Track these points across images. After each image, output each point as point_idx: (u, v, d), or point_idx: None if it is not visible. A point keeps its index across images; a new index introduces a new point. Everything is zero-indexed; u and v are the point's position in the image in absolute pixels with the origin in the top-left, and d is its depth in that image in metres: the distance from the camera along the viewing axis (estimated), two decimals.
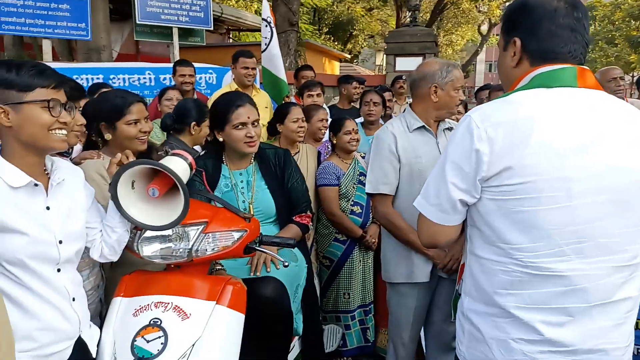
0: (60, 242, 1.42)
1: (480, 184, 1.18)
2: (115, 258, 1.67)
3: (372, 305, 3.16)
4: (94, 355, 1.56)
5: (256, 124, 2.18)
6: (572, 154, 1.12)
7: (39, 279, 1.39)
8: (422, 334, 2.54)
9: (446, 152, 1.26)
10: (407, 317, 2.36)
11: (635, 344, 2.57)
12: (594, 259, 1.15)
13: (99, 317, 1.91)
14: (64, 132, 1.41)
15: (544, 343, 1.18)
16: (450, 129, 2.36)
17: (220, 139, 2.21)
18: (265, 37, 4.74)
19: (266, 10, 4.86)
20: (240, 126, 2.13)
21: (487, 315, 1.24)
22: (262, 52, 4.83)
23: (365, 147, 3.54)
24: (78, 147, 2.68)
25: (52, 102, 1.37)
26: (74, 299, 1.48)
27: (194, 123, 2.75)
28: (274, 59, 4.68)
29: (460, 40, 24.64)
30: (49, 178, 1.45)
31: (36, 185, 1.40)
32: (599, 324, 1.19)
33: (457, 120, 2.96)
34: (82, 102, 2.27)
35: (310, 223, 2.33)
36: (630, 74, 22.17)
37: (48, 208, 1.42)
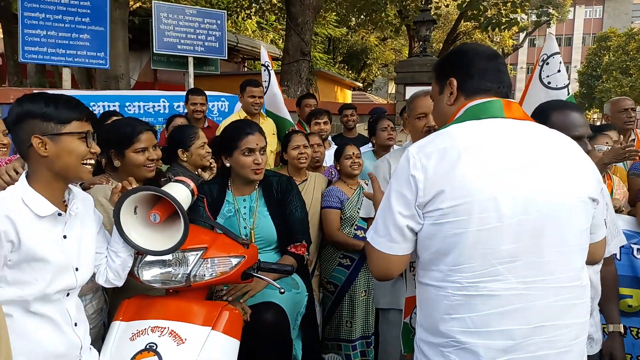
0: (77, 269, 1.49)
1: (419, 210, 1.24)
2: (119, 283, 1.70)
3: (374, 337, 3.14)
4: None
5: (263, 152, 2.23)
6: (499, 177, 1.19)
7: (48, 304, 1.44)
8: None
9: (390, 184, 1.32)
10: (393, 345, 2.33)
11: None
12: (529, 279, 1.18)
13: (102, 340, 1.94)
14: (92, 162, 1.50)
15: None
16: None
17: (227, 165, 2.27)
18: (265, 81, 4.90)
19: (264, 56, 5.04)
20: (248, 152, 2.19)
21: (435, 346, 1.27)
22: (264, 94, 4.99)
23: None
24: None
25: (87, 134, 1.46)
26: (76, 324, 1.52)
27: (180, 150, 2.75)
28: (275, 98, 4.80)
29: None
30: (67, 206, 1.51)
31: (60, 215, 1.47)
32: (543, 351, 1.19)
33: None
34: None
35: (306, 253, 2.34)
36: None
37: (65, 237, 1.48)
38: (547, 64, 4.44)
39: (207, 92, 4.63)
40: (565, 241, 1.21)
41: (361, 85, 19.34)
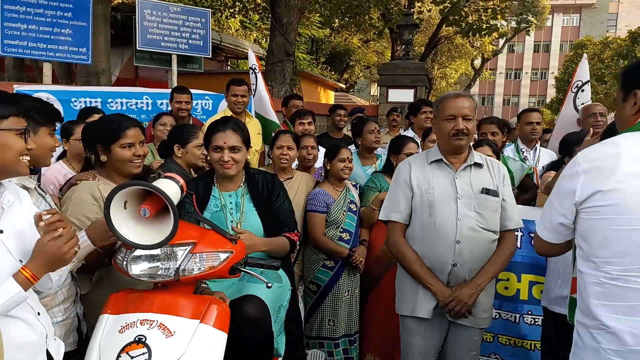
0: (21, 261, 1.43)
1: (575, 207, 1.47)
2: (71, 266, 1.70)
3: (357, 335, 3.19)
4: None
5: (237, 150, 2.24)
6: None
7: None
8: None
9: (556, 185, 1.58)
10: (413, 355, 2.30)
11: None
12: None
13: (78, 332, 1.93)
14: (28, 157, 1.49)
15: (629, 353, 1.35)
16: (478, 165, 2.29)
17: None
18: (253, 84, 4.96)
19: (252, 59, 5.09)
20: (217, 149, 2.24)
21: (586, 327, 1.46)
22: (253, 96, 5.05)
23: (358, 177, 3.62)
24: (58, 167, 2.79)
25: (25, 130, 1.46)
26: (39, 313, 1.52)
27: (176, 146, 2.86)
28: (262, 101, 4.86)
29: (454, 73, 25.15)
30: None
31: None
32: None
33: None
34: (58, 125, 2.32)
35: (298, 242, 2.39)
36: None
37: (1, 231, 1.43)
38: (583, 90, 4.59)
39: (192, 91, 4.63)
40: None
41: (344, 86, 19.43)
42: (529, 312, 2.87)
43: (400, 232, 2.31)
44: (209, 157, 2.33)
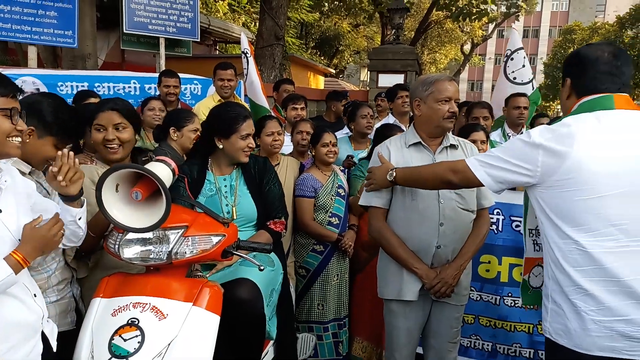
0: (19, 240, 1.46)
1: (538, 177, 1.59)
2: (72, 244, 1.70)
3: (347, 319, 3.23)
4: (54, 350, 1.62)
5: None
6: (609, 154, 1.49)
7: None
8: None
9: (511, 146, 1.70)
10: (398, 337, 2.33)
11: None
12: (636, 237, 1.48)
13: (76, 312, 1.94)
14: (19, 139, 1.48)
15: (607, 310, 1.48)
16: (453, 146, 2.31)
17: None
18: (245, 68, 4.91)
19: (244, 42, 5.04)
20: (245, 137, 2.28)
21: (564, 294, 1.58)
22: (244, 82, 5.01)
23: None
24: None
25: (13, 111, 1.44)
26: (35, 295, 1.54)
27: (172, 129, 2.86)
28: (252, 86, 4.83)
29: (443, 59, 25.13)
30: None
31: None
32: None
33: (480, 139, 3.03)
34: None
35: (284, 230, 2.40)
36: None
37: (0, 211, 1.45)
38: (512, 59, 4.60)
39: (180, 75, 4.58)
40: None
41: (334, 71, 19.33)
42: (509, 294, 2.92)
43: (382, 217, 2.31)
44: (224, 144, 2.33)
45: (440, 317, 2.33)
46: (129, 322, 1.61)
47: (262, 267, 1.91)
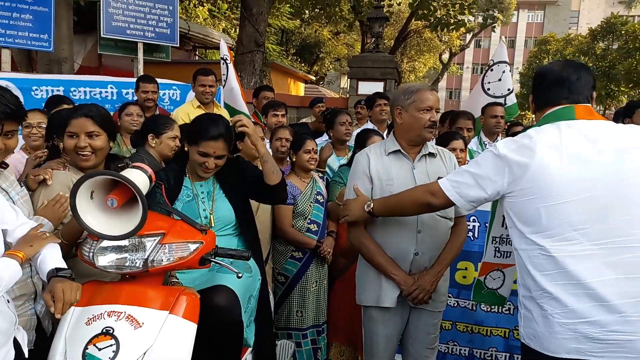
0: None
1: (505, 188, 1.66)
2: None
3: (325, 326, 3.23)
4: (26, 356, 1.60)
5: (220, 158, 2.24)
6: (570, 162, 1.55)
7: None
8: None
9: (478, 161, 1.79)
10: (377, 344, 2.34)
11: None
12: (601, 241, 1.52)
13: (38, 332, 1.87)
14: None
15: (571, 313, 1.52)
16: (432, 154, 2.33)
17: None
18: (224, 74, 4.90)
19: (223, 49, 5.05)
20: (202, 155, 2.21)
21: (532, 299, 1.63)
22: (223, 87, 4.99)
23: (334, 166, 3.68)
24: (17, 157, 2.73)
25: None
26: (8, 301, 1.53)
27: (151, 135, 2.83)
28: (232, 92, 4.82)
29: (422, 67, 25.47)
30: None
31: None
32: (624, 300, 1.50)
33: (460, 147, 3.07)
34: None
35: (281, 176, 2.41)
36: None
37: None
38: (492, 70, 4.66)
39: (159, 80, 4.54)
40: (627, 210, 1.52)
41: (314, 78, 19.40)
42: None
43: (361, 224, 2.32)
44: (189, 150, 2.30)
45: (418, 324, 2.34)
46: (104, 331, 1.58)
47: (240, 275, 1.90)
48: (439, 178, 2.23)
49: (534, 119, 1.97)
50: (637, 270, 1.50)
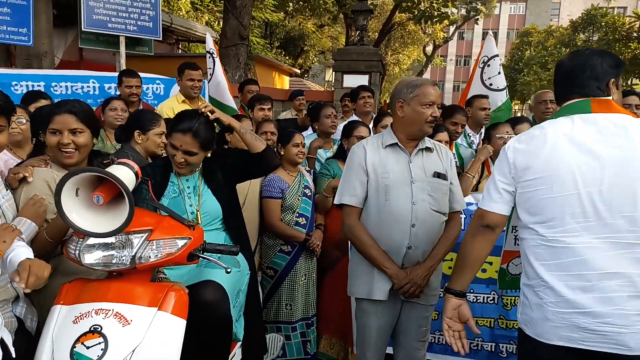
0: None
1: (514, 180, 1.70)
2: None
3: (315, 318, 3.24)
4: (14, 355, 1.57)
5: (191, 154, 2.20)
6: (577, 155, 1.57)
7: None
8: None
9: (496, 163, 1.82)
10: (369, 336, 2.34)
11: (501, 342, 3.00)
12: (602, 236, 1.54)
13: (18, 334, 1.80)
14: None
15: (564, 303, 1.56)
16: (429, 149, 2.34)
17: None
18: (210, 68, 4.85)
19: (209, 42, 4.97)
20: (172, 148, 2.21)
21: (530, 287, 1.68)
22: (208, 82, 4.94)
23: (322, 158, 3.68)
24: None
25: None
26: None
27: (137, 132, 2.79)
28: (219, 86, 4.76)
29: (406, 59, 25.53)
30: None
31: None
32: (616, 294, 1.52)
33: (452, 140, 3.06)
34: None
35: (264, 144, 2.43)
36: None
37: None
38: (489, 65, 4.70)
39: (142, 74, 4.48)
40: (628, 208, 1.52)
41: (299, 71, 19.33)
42: (471, 291, 3.01)
43: (355, 216, 2.32)
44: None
45: (409, 317, 2.36)
46: (92, 329, 1.57)
47: (228, 270, 1.90)
48: (434, 172, 2.29)
49: (516, 109, 1.99)
50: (634, 266, 1.51)
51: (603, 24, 18.90)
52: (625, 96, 3.82)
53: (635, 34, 16.69)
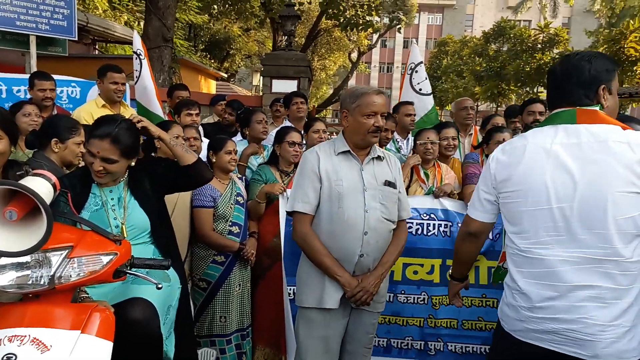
0: None
1: (495, 190, 1.78)
2: None
3: (250, 329, 3.17)
4: None
5: (110, 162, 2.07)
6: (551, 169, 1.60)
7: None
8: None
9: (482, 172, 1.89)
10: (315, 347, 2.28)
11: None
12: (571, 250, 1.59)
13: None
14: None
15: (535, 309, 1.64)
16: (379, 157, 2.35)
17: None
18: (136, 70, 4.58)
19: (137, 42, 4.66)
20: (90, 155, 2.07)
21: (510, 288, 1.76)
22: (135, 84, 4.67)
23: (252, 166, 3.62)
24: None
25: None
26: None
27: (54, 140, 2.58)
28: (146, 91, 4.50)
29: (332, 65, 25.92)
30: None
31: None
32: (584, 303, 1.57)
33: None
34: None
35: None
36: (476, 104, 25.17)
37: None
38: (416, 71, 4.90)
39: (56, 77, 4.17)
40: (599, 225, 1.55)
41: (225, 75, 18.98)
42: (402, 292, 3.12)
43: (308, 223, 2.27)
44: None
45: (358, 324, 2.36)
46: (5, 358, 1.42)
47: (160, 286, 1.80)
48: (385, 181, 2.32)
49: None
50: (603, 280, 1.55)
51: (512, 35, 20.27)
52: (530, 104, 4.07)
53: (539, 46, 18.06)
